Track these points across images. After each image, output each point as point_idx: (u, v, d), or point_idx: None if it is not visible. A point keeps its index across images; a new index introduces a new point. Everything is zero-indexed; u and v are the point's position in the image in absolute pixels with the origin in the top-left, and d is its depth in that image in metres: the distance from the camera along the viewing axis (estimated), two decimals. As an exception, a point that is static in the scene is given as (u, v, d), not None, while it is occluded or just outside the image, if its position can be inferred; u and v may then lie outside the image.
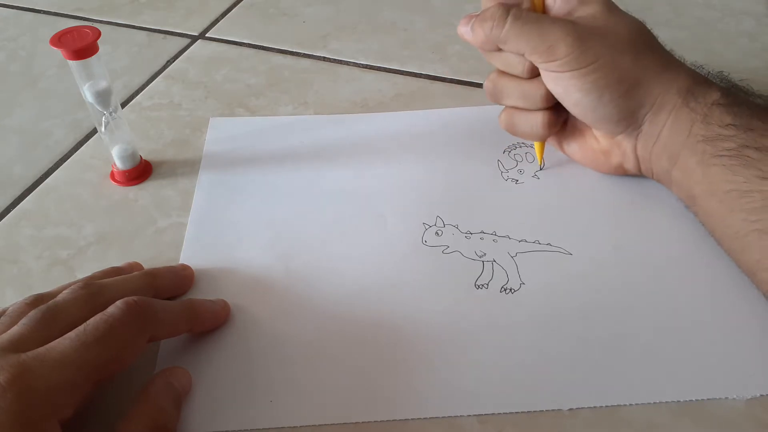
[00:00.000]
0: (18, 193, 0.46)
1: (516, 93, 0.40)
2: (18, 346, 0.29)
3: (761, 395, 0.32)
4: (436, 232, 0.41)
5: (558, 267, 0.38)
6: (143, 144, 0.49)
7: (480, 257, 0.39)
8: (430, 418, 0.32)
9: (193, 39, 0.61)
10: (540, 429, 0.31)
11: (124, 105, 0.53)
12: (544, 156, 0.44)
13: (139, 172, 0.46)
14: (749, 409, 0.31)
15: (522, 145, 0.46)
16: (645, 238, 0.39)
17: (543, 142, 0.43)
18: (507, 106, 0.42)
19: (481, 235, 0.40)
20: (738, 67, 0.40)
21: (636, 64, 0.37)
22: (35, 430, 0.27)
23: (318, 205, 0.43)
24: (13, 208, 0.45)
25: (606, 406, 0.32)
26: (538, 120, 0.41)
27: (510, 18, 0.38)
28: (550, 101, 0.40)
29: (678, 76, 0.37)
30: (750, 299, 0.35)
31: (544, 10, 0.39)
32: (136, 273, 0.37)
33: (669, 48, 0.39)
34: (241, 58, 0.58)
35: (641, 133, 0.39)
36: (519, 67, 0.39)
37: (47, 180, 0.47)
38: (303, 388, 0.33)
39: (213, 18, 0.63)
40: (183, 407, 0.33)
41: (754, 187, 0.33)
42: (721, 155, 0.35)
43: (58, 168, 0.48)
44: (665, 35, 0.40)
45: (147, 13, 0.65)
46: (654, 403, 0.32)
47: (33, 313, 0.31)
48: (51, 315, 0.31)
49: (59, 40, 0.39)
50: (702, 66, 0.40)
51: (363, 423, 0.32)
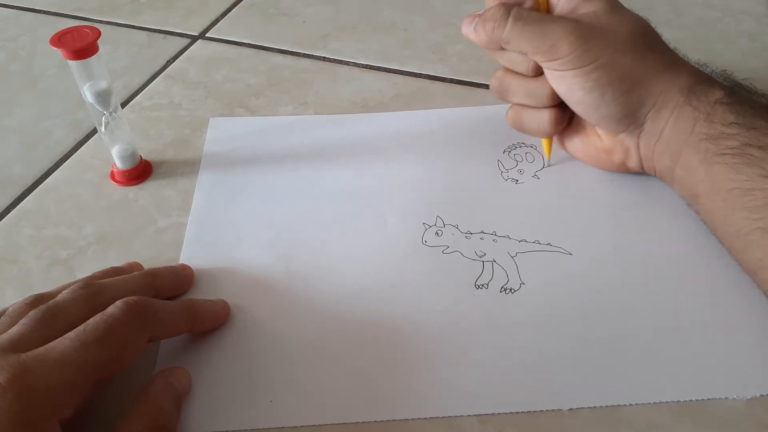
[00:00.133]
0: (18, 193, 0.46)
1: (522, 91, 0.40)
2: (18, 346, 0.29)
3: (761, 395, 0.32)
4: (436, 232, 0.41)
5: (558, 267, 0.38)
6: (143, 144, 0.49)
7: (480, 257, 0.39)
8: (430, 418, 0.32)
9: (193, 39, 0.61)
10: (540, 429, 0.31)
11: (124, 105, 0.53)
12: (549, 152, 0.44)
13: (139, 172, 0.46)
14: (749, 409, 0.31)
15: (522, 145, 0.46)
16: (645, 238, 0.39)
17: (551, 138, 0.43)
18: (514, 104, 0.42)
19: (481, 235, 0.40)
20: (738, 67, 0.40)
21: (638, 63, 0.37)
22: (35, 430, 0.27)
23: (318, 205, 0.43)
24: (13, 208, 0.45)
25: (606, 406, 0.32)
26: (545, 118, 0.41)
27: (511, 18, 0.38)
28: (557, 99, 0.40)
29: (681, 74, 0.37)
30: (750, 299, 0.35)
31: (547, 8, 0.39)
32: (136, 273, 0.37)
33: (672, 47, 0.39)
34: (241, 58, 0.58)
35: (644, 131, 0.39)
36: (523, 65, 0.39)
37: (47, 180, 0.47)
38: (303, 388, 0.33)
39: (213, 18, 0.63)
40: (183, 407, 0.33)
41: (757, 185, 0.33)
42: (723, 153, 0.35)
43: (58, 168, 0.48)
44: (665, 35, 0.40)
45: (147, 13, 0.65)
46: (654, 403, 0.32)
47: (33, 313, 0.31)
48: (51, 315, 0.31)
49: (59, 40, 0.39)
50: (705, 65, 0.40)
51: (363, 423, 0.32)
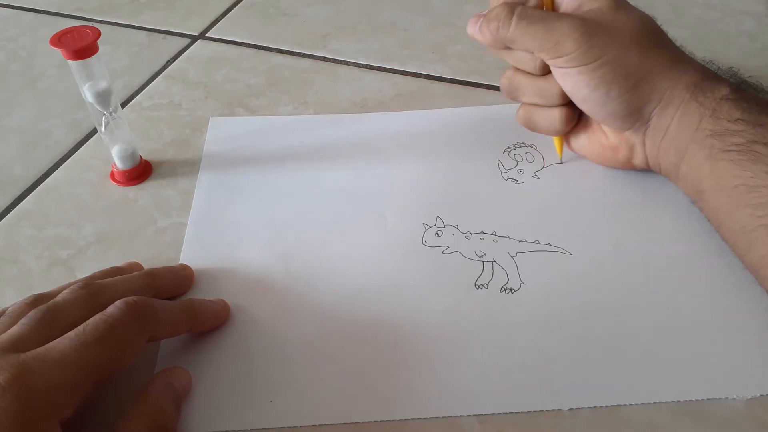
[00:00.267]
0: (18, 193, 0.46)
1: (532, 90, 0.41)
2: (18, 346, 0.29)
3: (761, 395, 0.32)
4: (436, 233, 0.41)
5: (558, 267, 0.38)
6: (143, 144, 0.49)
7: (480, 257, 0.39)
8: (430, 418, 0.32)
9: (193, 39, 0.61)
10: (540, 429, 0.31)
11: (124, 105, 0.53)
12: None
13: (139, 172, 0.46)
14: (749, 409, 0.31)
15: (522, 145, 0.46)
16: (645, 237, 0.39)
17: (562, 136, 0.43)
18: (524, 103, 0.42)
19: (481, 235, 0.40)
20: (738, 66, 0.40)
21: (643, 60, 0.37)
22: (35, 430, 0.27)
23: (318, 205, 0.43)
24: (13, 208, 0.45)
25: (606, 406, 0.32)
26: (556, 116, 0.41)
27: (515, 17, 0.38)
28: (567, 97, 0.40)
29: (686, 71, 0.37)
30: (750, 299, 0.35)
31: (552, 6, 0.39)
32: (136, 273, 0.37)
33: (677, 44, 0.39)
34: (241, 58, 0.58)
35: (649, 128, 0.38)
36: (530, 64, 0.40)
37: (47, 180, 0.47)
38: (303, 388, 0.33)
39: (213, 18, 0.63)
40: (183, 407, 0.33)
41: (762, 182, 0.33)
42: (729, 150, 0.35)
43: (58, 168, 0.48)
44: (665, 35, 0.40)
45: (147, 13, 0.65)
46: (654, 403, 0.32)
47: (33, 313, 0.31)
48: (51, 315, 0.31)
49: (59, 40, 0.39)
50: (711, 61, 0.40)
51: (363, 423, 0.32)
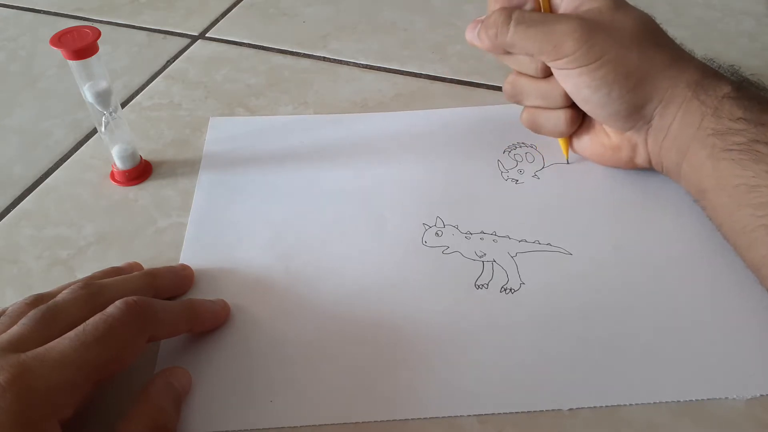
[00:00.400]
0: (18, 193, 0.46)
1: (535, 93, 0.41)
2: (18, 346, 0.29)
3: (761, 395, 0.32)
4: (436, 233, 0.40)
5: (558, 267, 0.38)
6: (143, 144, 0.49)
7: (480, 257, 0.39)
8: (430, 418, 0.32)
9: (193, 39, 0.61)
10: (540, 429, 0.31)
11: (124, 105, 0.53)
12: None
13: (139, 172, 0.46)
14: (749, 409, 0.31)
15: (522, 145, 0.46)
16: (645, 237, 0.39)
17: (567, 137, 0.43)
18: (528, 106, 0.42)
19: (481, 235, 0.40)
20: (738, 66, 0.40)
21: (643, 59, 0.37)
22: (35, 430, 0.27)
23: (318, 205, 0.43)
24: (13, 208, 0.45)
25: (606, 406, 0.32)
26: (560, 118, 0.41)
27: (513, 22, 0.38)
28: (570, 98, 0.40)
29: (687, 69, 0.37)
30: (750, 299, 0.35)
31: (549, 7, 0.39)
32: (136, 273, 0.37)
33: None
34: (241, 58, 0.58)
35: (651, 127, 0.38)
36: (531, 67, 0.39)
37: (47, 180, 0.47)
38: (303, 388, 0.33)
39: (213, 18, 0.63)
40: (183, 407, 0.33)
41: (763, 181, 0.33)
42: (730, 149, 0.35)
43: (58, 168, 0.48)
44: (665, 35, 0.40)
45: (147, 13, 0.65)
46: (654, 403, 0.32)
47: (33, 313, 0.31)
48: (51, 315, 0.31)
49: (59, 40, 0.39)
50: (712, 59, 0.39)
51: (363, 423, 0.32)
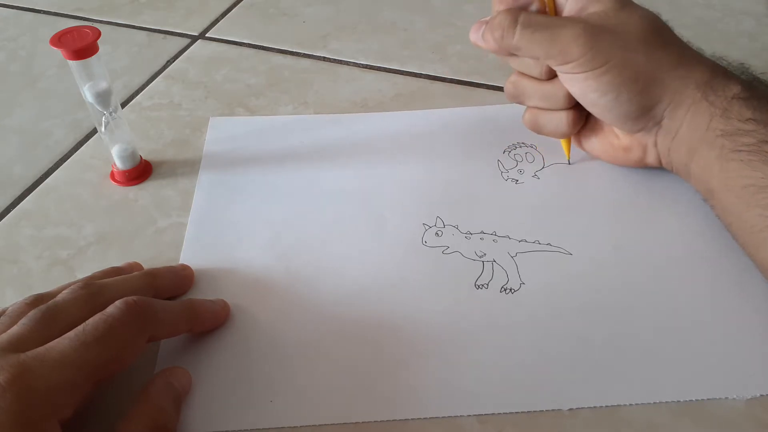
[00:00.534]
0: (18, 193, 0.46)
1: (537, 94, 0.40)
2: (18, 346, 0.29)
3: (761, 395, 0.32)
4: (436, 233, 0.40)
5: (558, 267, 0.38)
6: (143, 144, 0.49)
7: (480, 257, 0.39)
8: (430, 418, 0.32)
9: (193, 39, 0.61)
10: (540, 429, 0.31)
11: (124, 105, 0.53)
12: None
13: (139, 172, 0.46)
14: (749, 409, 0.31)
15: (522, 145, 0.46)
16: (645, 237, 0.39)
17: (569, 138, 0.43)
18: (530, 107, 0.42)
19: (481, 235, 0.40)
20: (738, 67, 0.41)
21: (650, 61, 0.36)
22: (35, 430, 0.27)
23: (318, 205, 0.43)
24: (13, 208, 0.45)
25: (606, 406, 0.32)
26: (563, 119, 0.41)
27: (519, 25, 0.37)
28: (573, 100, 0.39)
29: (696, 68, 0.37)
30: (750, 299, 0.35)
31: (555, 10, 0.39)
32: (136, 273, 0.37)
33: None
34: (241, 58, 0.58)
35: (661, 128, 0.38)
36: (536, 69, 0.39)
37: (47, 180, 0.47)
38: (303, 388, 0.33)
39: (213, 18, 0.63)
40: (183, 407, 0.33)
41: None
42: (739, 150, 0.34)
43: (58, 168, 0.48)
44: (665, 35, 0.39)
45: (147, 13, 0.65)
46: (654, 403, 0.32)
47: (33, 313, 0.31)
48: (51, 315, 0.31)
49: (59, 40, 0.39)
50: (722, 58, 0.39)
51: (363, 423, 0.32)
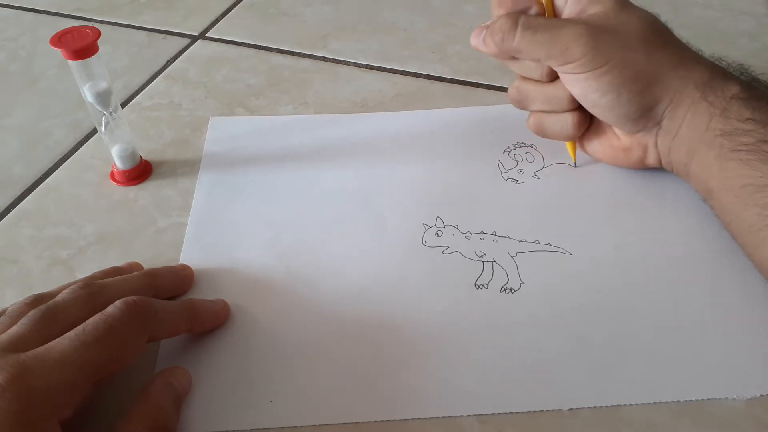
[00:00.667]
0: (18, 193, 0.46)
1: (541, 98, 0.40)
2: (18, 346, 0.29)
3: (761, 395, 0.32)
4: (436, 233, 0.40)
5: (558, 267, 0.38)
6: (143, 144, 0.49)
7: (480, 257, 0.39)
8: (430, 418, 0.32)
9: (193, 39, 0.61)
10: (540, 429, 0.31)
11: (124, 105, 0.53)
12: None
13: (139, 172, 0.46)
14: (749, 409, 0.31)
15: (522, 145, 0.46)
16: (645, 237, 0.39)
17: (575, 141, 0.43)
18: (534, 111, 0.42)
19: (481, 235, 0.40)
20: (738, 67, 0.41)
21: (650, 61, 0.37)
22: (35, 430, 0.27)
23: (318, 205, 0.43)
24: (13, 208, 0.45)
25: (606, 406, 0.32)
26: (567, 121, 0.41)
27: (520, 28, 0.37)
28: (577, 102, 0.40)
29: (695, 69, 0.37)
30: (750, 299, 0.35)
31: (553, 12, 0.39)
32: (136, 273, 0.37)
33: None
34: (241, 58, 0.58)
35: (661, 128, 0.38)
36: (537, 71, 0.39)
37: (47, 180, 0.47)
38: (303, 388, 0.33)
39: (213, 18, 0.63)
40: (183, 407, 0.33)
41: None
42: (738, 150, 0.35)
43: (58, 168, 0.48)
44: (666, 35, 0.40)
45: (147, 13, 0.65)
46: (654, 403, 0.32)
47: (33, 313, 0.31)
48: (51, 315, 0.31)
49: (59, 40, 0.39)
50: (721, 58, 0.39)
51: (363, 423, 0.32)
